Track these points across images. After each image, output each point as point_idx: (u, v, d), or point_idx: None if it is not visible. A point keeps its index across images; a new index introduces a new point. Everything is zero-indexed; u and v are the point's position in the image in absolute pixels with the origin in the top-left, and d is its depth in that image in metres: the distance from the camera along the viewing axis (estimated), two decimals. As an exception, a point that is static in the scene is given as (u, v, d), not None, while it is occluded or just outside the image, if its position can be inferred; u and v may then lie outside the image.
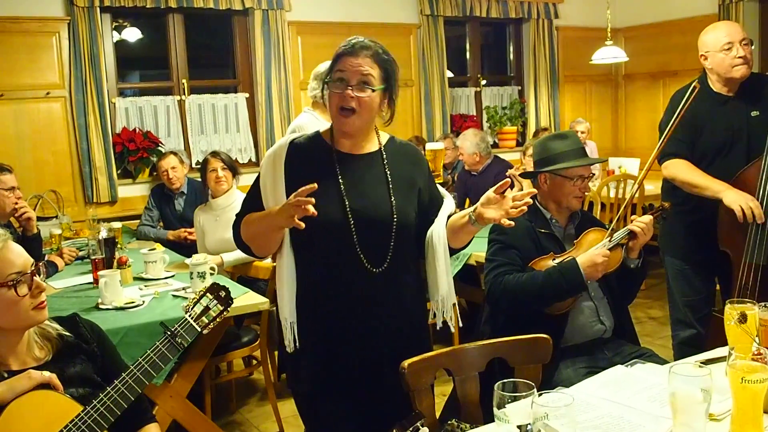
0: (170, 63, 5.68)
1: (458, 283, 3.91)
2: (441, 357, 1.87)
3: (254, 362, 3.69)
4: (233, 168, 3.99)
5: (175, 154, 4.73)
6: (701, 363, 1.54)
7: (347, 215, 1.86)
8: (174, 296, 3.02)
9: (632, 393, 1.73)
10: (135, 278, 3.34)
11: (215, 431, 2.95)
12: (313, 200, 1.69)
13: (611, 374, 1.88)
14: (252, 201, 1.97)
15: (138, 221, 4.78)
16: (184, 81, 5.69)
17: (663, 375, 1.71)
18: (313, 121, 3.59)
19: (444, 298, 1.98)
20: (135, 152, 5.38)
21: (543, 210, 2.54)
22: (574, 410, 1.32)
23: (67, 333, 1.71)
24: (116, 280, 2.93)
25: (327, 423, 1.96)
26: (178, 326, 1.73)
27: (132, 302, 2.86)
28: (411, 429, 1.44)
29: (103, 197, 5.22)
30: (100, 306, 2.86)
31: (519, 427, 1.34)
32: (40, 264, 1.67)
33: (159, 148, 5.43)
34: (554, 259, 2.39)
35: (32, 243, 3.42)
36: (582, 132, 6.31)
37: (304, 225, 1.72)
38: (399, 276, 1.94)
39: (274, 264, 2.12)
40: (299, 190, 1.71)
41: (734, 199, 2.74)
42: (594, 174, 2.64)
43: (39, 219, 4.05)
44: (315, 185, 1.70)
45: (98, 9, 5.10)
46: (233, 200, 3.87)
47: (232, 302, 1.84)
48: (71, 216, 4.83)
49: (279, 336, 1.99)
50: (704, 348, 2.23)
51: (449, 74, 6.75)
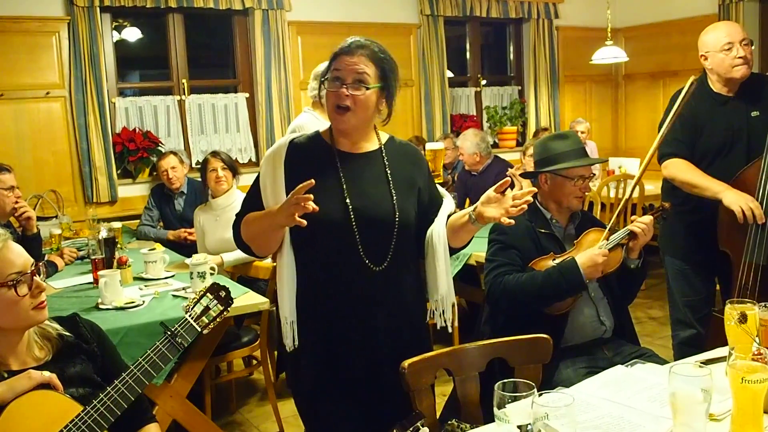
0: (170, 63, 5.68)
1: (458, 283, 3.93)
2: (441, 357, 1.87)
3: (254, 362, 3.68)
4: (233, 168, 3.99)
5: (175, 154, 4.73)
6: (701, 363, 1.54)
7: (349, 213, 1.87)
8: (174, 296, 3.02)
9: (632, 393, 1.73)
10: (135, 278, 3.34)
11: (215, 431, 2.95)
12: (312, 197, 1.69)
13: (611, 374, 1.88)
14: (252, 201, 1.97)
15: (138, 221, 4.78)
16: (184, 81, 5.68)
17: (663, 375, 1.71)
18: (313, 121, 3.59)
19: (443, 298, 1.98)
20: (135, 152, 5.38)
21: (543, 210, 2.54)
22: (575, 410, 1.32)
23: (67, 333, 1.71)
24: (116, 280, 2.93)
25: (327, 423, 1.96)
26: (178, 326, 1.73)
27: (132, 302, 2.86)
28: (411, 429, 1.43)
29: (103, 197, 5.21)
30: (100, 306, 2.86)
31: (519, 427, 1.34)
32: (40, 264, 1.67)
33: (159, 148, 5.43)
34: (554, 259, 2.39)
35: (32, 243, 3.41)
36: (582, 132, 6.31)
37: (306, 223, 1.72)
38: (399, 275, 1.94)
39: (274, 264, 2.12)
40: (297, 188, 1.71)
41: (734, 200, 2.74)
42: (594, 174, 2.64)
43: (39, 219, 4.04)
44: (313, 181, 1.70)
45: (98, 9, 5.09)
46: (233, 200, 3.87)
47: (232, 302, 1.84)
48: (71, 216, 4.84)
49: (279, 336, 1.99)
50: (704, 348, 2.23)
51: (449, 74, 6.75)
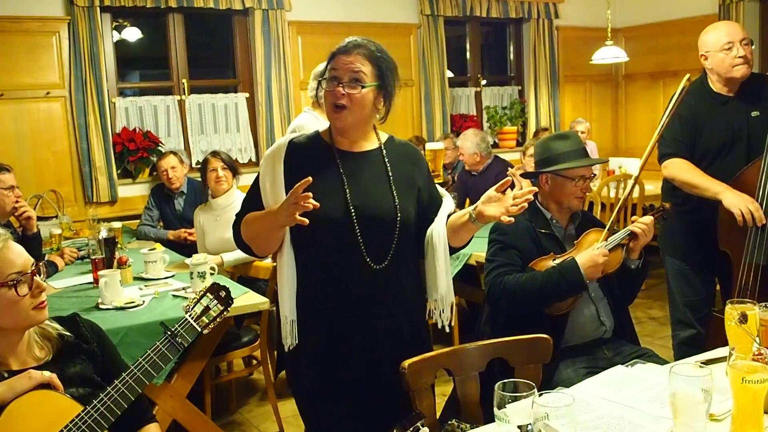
0: (170, 63, 5.68)
1: (458, 283, 3.93)
2: (441, 357, 1.87)
3: (254, 362, 3.68)
4: (233, 168, 3.99)
5: (175, 154, 4.73)
6: (702, 363, 1.54)
7: (350, 212, 1.87)
8: (174, 296, 3.02)
9: (632, 393, 1.73)
10: (135, 278, 3.34)
11: (215, 431, 2.95)
12: (311, 194, 1.69)
13: (611, 374, 1.88)
14: (252, 201, 1.97)
15: (138, 221, 4.78)
16: (184, 81, 5.68)
17: (663, 375, 1.71)
18: (313, 121, 3.59)
19: (443, 297, 1.98)
20: (135, 152, 5.38)
21: (543, 210, 2.53)
22: (575, 410, 1.32)
23: (68, 333, 1.71)
24: (116, 280, 2.93)
25: (327, 422, 1.96)
26: (179, 326, 1.73)
27: (132, 302, 2.86)
28: (411, 429, 1.43)
29: (103, 197, 5.21)
30: (100, 306, 2.86)
31: (519, 428, 1.34)
32: (41, 264, 1.67)
33: (159, 148, 5.43)
34: (554, 260, 2.38)
35: (32, 242, 3.42)
36: (582, 132, 6.31)
37: (308, 221, 1.72)
38: (399, 274, 1.94)
39: (274, 264, 2.12)
40: (295, 186, 1.71)
41: (734, 202, 2.74)
42: (595, 174, 2.64)
43: (39, 219, 4.04)
44: (310, 179, 1.70)
45: (98, 9, 5.09)
46: (233, 200, 3.87)
47: (232, 302, 1.84)
48: (71, 216, 4.84)
49: (278, 335, 1.99)
50: (704, 348, 2.23)
51: (449, 74, 6.75)
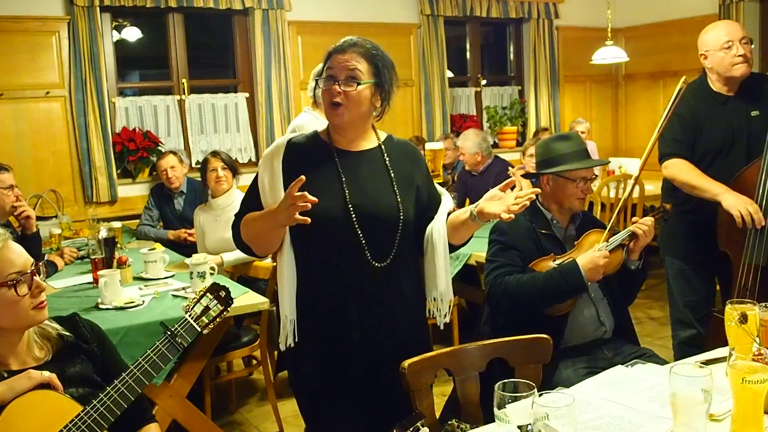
0: (170, 63, 5.68)
1: (458, 283, 3.94)
2: (441, 357, 1.87)
3: (254, 362, 3.68)
4: (233, 168, 3.99)
5: (175, 154, 4.73)
6: (702, 363, 1.54)
7: (349, 211, 1.87)
8: (174, 296, 3.01)
9: (632, 393, 1.73)
10: (135, 278, 3.34)
11: (215, 431, 2.95)
12: (307, 193, 1.69)
13: (611, 374, 1.88)
14: (251, 201, 1.97)
15: (138, 221, 4.78)
16: (184, 81, 5.68)
17: (663, 375, 1.71)
18: (313, 121, 3.59)
19: (442, 295, 1.98)
20: (135, 152, 5.38)
21: (544, 211, 2.53)
22: (575, 410, 1.32)
23: (67, 333, 1.71)
24: (116, 280, 2.93)
25: (328, 422, 1.96)
26: (178, 326, 1.73)
27: (132, 302, 2.86)
28: (411, 429, 1.43)
29: (103, 197, 5.21)
30: (100, 306, 2.86)
31: (519, 428, 1.34)
32: (40, 264, 1.67)
33: (159, 148, 5.42)
34: (555, 260, 2.38)
35: (31, 242, 3.41)
36: (582, 132, 6.31)
37: (309, 220, 1.72)
38: (400, 273, 1.94)
39: (274, 264, 2.12)
40: (290, 187, 1.71)
41: (733, 204, 2.73)
42: (596, 175, 2.65)
43: (39, 219, 4.04)
44: (303, 177, 1.70)
45: (98, 8, 5.09)
46: (233, 200, 3.87)
47: (232, 302, 1.84)
48: (71, 216, 4.84)
49: (278, 335, 1.99)
50: (704, 348, 2.23)
51: (449, 74, 6.74)
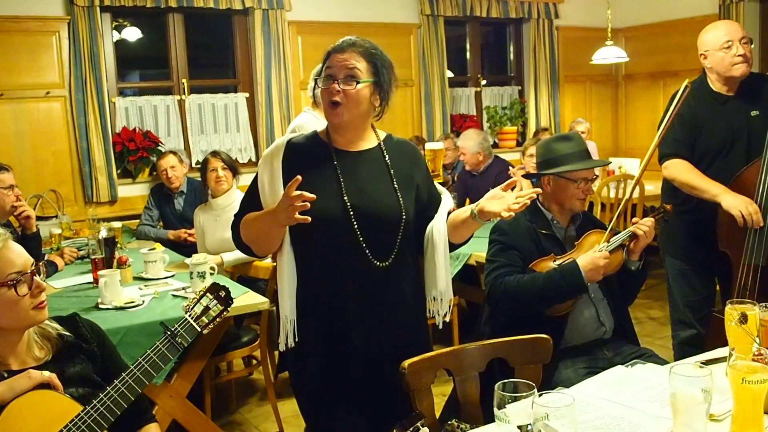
0: (170, 62, 5.67)
1: (458, 283, 3.94)
2: (441, 357, 1.87)
3: (254, 362, 3.68)
4: (233, 168, 3.99)
5: (175, 154, 4.73)
6: (702, 363, 1.54)
7: (347, 211, 1.87)
8: (174, 296, 3.01)
9: (632, 393, 1.73)
10: (135, 278, 3.34)
11: (215, 431, 2.95)
12: (304, 193, 1.69)
13: (611, 374, 1.88)
14: (250, 201, 1.97)
15: (138, 221, 4.78)
16: (184, 81, 5.68)
17: (663, 375, 1.71)
18: (313, 121, 3.59)
19: (442, 294, 1.98)
20: (135, 152, 5.38)
21: (545, 211, 2.53)
22: (575, 411, 1.32)
23: (67, 333, 1.71)
24: (116, 280, 2.93)
25: (328, 422, 1.96)
26: (178, 326, 1.73)
27: (132, 302, 2.86)
28: (411, 429, 1.43)
29: (103, 197, 5.21)
30: (100, 306, 2.86)
31: (519, 428, 1.34)
32: (40, 264, 1.67)
33: (159, 148, 5.42)
34: (555, 261, 2.38)
35: (31, 242, 3.41)
36: (582, 132, 6.31)
37: (310, 219, 1.72)
38: (401, 273, 1.94)
39: (274, 263, 2.12)
40: (286, 188, 1.71)
41: (733, 204, 2.74)
42: (597, 176, 2.64)
43: (39, 218, 4.05)
44: (299, 177, 1.70)
45: (98, 8, 5.09)
46: (233, 200, 3.87)
47: (232, 302, 1.84)
48: (71, 215, 4.84)
49: (279, 335, 1.99)
50: (704, 348, 2.23)
51: (449, 74, 6.74)
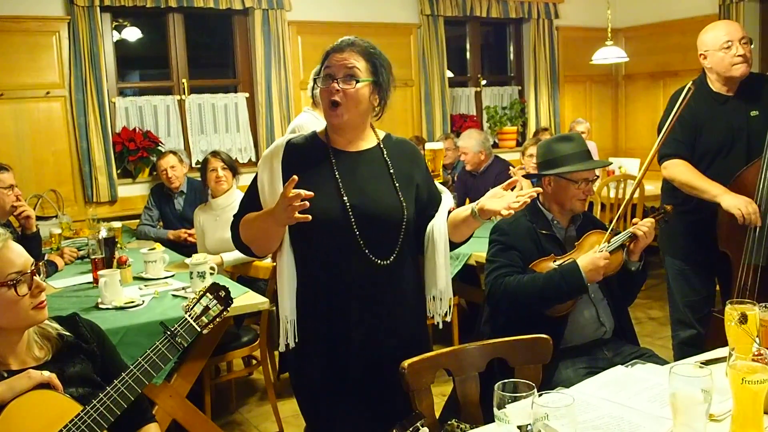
0: (170, 62, 5.67)
1: (458, 283, 3.94)
2: (441, 357, 1.87)
3: (254, 362, 3.68)
4: (233, 168, 3.99)
5: (175, 154, 4.73)
6: (701, 363, 1.54)
7: (346, 211, 1.87)
8: (174, 296, 3.01)
9: (632, 393, 1.73)
10: (135, 278, 3.33)
11: (215, 431, 2.95)
12: (302, 193, 1.69)
13: (611, 374, 1.88)
14: (250, 202, 1.97)
15: (138, 221, 4.78)
16: (184, 80, 5.68)
17: (663, 375, 1.71)
18: (313, 121, 3.60)
19: (442, 292, 1.99)
20: (135, 152, 5.37)
21: (545, 211, 2.53)
22: (575, 411, 1.32)
23: (67, 333, 1.70)
24: (116, 280, 2.93)
25: (328, 422, 1.97)
26: (178, 326, 1.73)
27: (132, 302, 2.86)
28: (411, 429, 1.43)
29: (103, 197, 5.20)
30: (100, 306, 2.86)
31: (519, 428, 1.34)
32: (40, 264, 1.67)
33: (159, 148, 5.42)
34: (555, 261, 2.38)
35: (31, 242, 3.41)
36: (582, 132, 6.31)
37: (311, 217, 1.72)
38: (401, 273, 1.94)
39: (274, 263, 2.12)
40: (284, 188, 1.71)
41: (733, 203, 2.74)
42: (598, 177, 2.64)
43: (39, 218, 4.04)
44: (295, 177, 1.70)
45: (98, 8, 5.08)
46: (233, 200, 3.87)
47: (232, 302, 1.84)
48: (71, 215, 4.84)
49: (279, 335, 1.99)
50: (704, 348, 2.23)
51: (449, 74, 6.74)
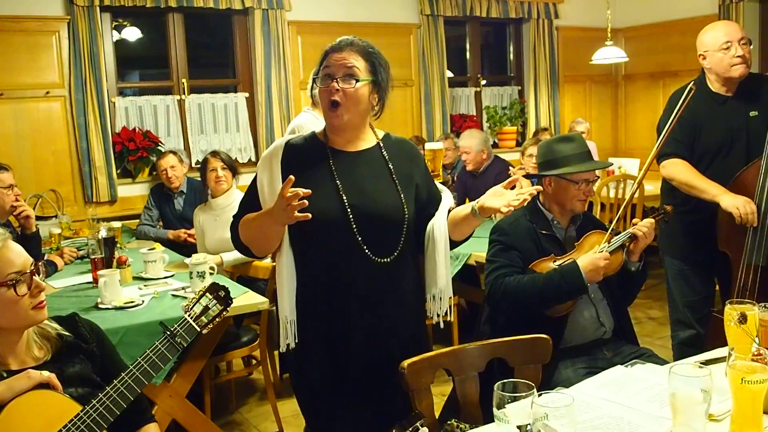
0: (170, 62, 5.67)
1: (458, 283, 3.93)
2: (441, 357, 1.87)
3: (254, 362, 3.69)
4: (233, 168, 3.99)
5: (174, 154, 4.73)
6: (701, 363, 1.54)
7: (346, 211, 1.87)
8: (173, 296, 3.01)
9: (632, 393, 1.73)
10: (134, 278, 3.34)
11: (214, 431, 2.95)
12: (299, 192, 1.69)
13: (611, 374, 1.88)
14: (249, 203, 1.97)
15: (137, 221, 4.78)
16: (184, 80, 5.68)
17: (663, 375, 1.71)
18: (313, 121, 3.59)
19: (441, 291, 1.99)
20: (135, 152, 5.37)
21: (545, 211, 2.53)
22: (574, 411, 1.32)
23: (67, 333, 1.70)
24: (116, 280, 2.93)
25: (328, 421, 1.97)
26: (178, 326, 1.73)
27: (131, 302, 2.86)
28: (411, 429, 1.43)
29: (103, 197, 5.20)
30: (100, 305, 2.86)
31: (519, 428, 1.34)
32: (40, 263, 1.67)
33: (159, 148, 5.42)
34: (555, 261, 2.38)
35: (31, 242, 3.41)
36: (582, 132, 6.31)
37: (311, 216, 1.72)
38: (401, 272, 1.94)
39: (274, 263, 2.12)
40: (281, 189, 1.71)
41: (731, 203, 2.74)
42: (598, 177, 2.64)
43: (39, 218, 4.04)
44: (292, 177, 1.70)
45: (98, 8, 5.08)
46: (233, 200, 3.87)
47: (232, 302, 1.84)
48: (71, 215, 4.84)
49: (279, 335, 1.99)
50: (704, 348, 2.23)
51: (449, 74, 6.74)
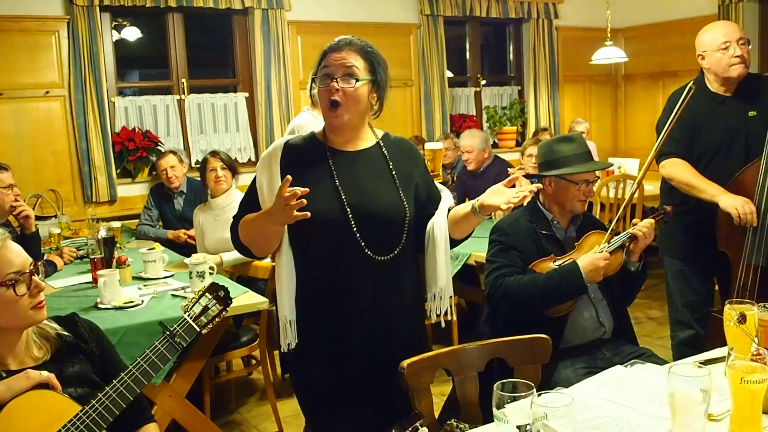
0: (170, 62, 5.67)
1: (458, 283, 3.93)
2: (441, 357, 1.87)
3: (253, 362, 3.69)
4: (233, 167, 3.99)
5: (174, 153, 4.73)
6: (700, 363, 1.54)
7: (345, 211, 1.87)
8: (173, 296, 3.01)
9: (631, 393, 1.73)
10: (134, 278, 3.33)
11: (214, 431, 2.95)
12: (297, 192, 1.69)
13: (610, 374, 1.88)
14: (249, 204, 1.97)
15: (137, 221, 4.78)
16: (184, 80, 5.68)
17: (662, 375, 1.71)
18: (312, 121, 3.59)
19: (442, 290, 1.99)
20: (134, 151, 5.37)
21: (545, 211, 2.53)
22: (574, 410, 1.32)
23: (66, 333, 1.70)
24: (115, 280, 2.93)
25: (328, 421, 1.97)
26: (177, 326, 1.73)
27: (131, 302, 2.86)
28: (410, 429, 1.43)
29: (103, 196, 5.20)
30: (99, 305, 2.86)
31: (518, 428, 1.34)
32: (39, 263, 1.67)
33: (158, 148, 5.42)
34: (555, 261, 2.38)
35: (30, 241, 3.41)
36: (582, 132, 6.31)
37: (310, 214, 1.72)
38: (401, 272, 1.94)
39: (274, 263, 2.12)
40: (279, 187, 1.71)
41: (730, 203, 2.74)
42: (598, 178, 2.64)
43: (38, 218, 4.05)
44: (290, 177, 1.70)
45: (98, 8, 5.08)
46: (233, 200, 3.87)
47: (231, 302, 1.84)
48: (70, 215, 4.83)
49: (279, 336, 1.99)
50: (703, 348, 2.23)
51: (449, 74, 6.74)
